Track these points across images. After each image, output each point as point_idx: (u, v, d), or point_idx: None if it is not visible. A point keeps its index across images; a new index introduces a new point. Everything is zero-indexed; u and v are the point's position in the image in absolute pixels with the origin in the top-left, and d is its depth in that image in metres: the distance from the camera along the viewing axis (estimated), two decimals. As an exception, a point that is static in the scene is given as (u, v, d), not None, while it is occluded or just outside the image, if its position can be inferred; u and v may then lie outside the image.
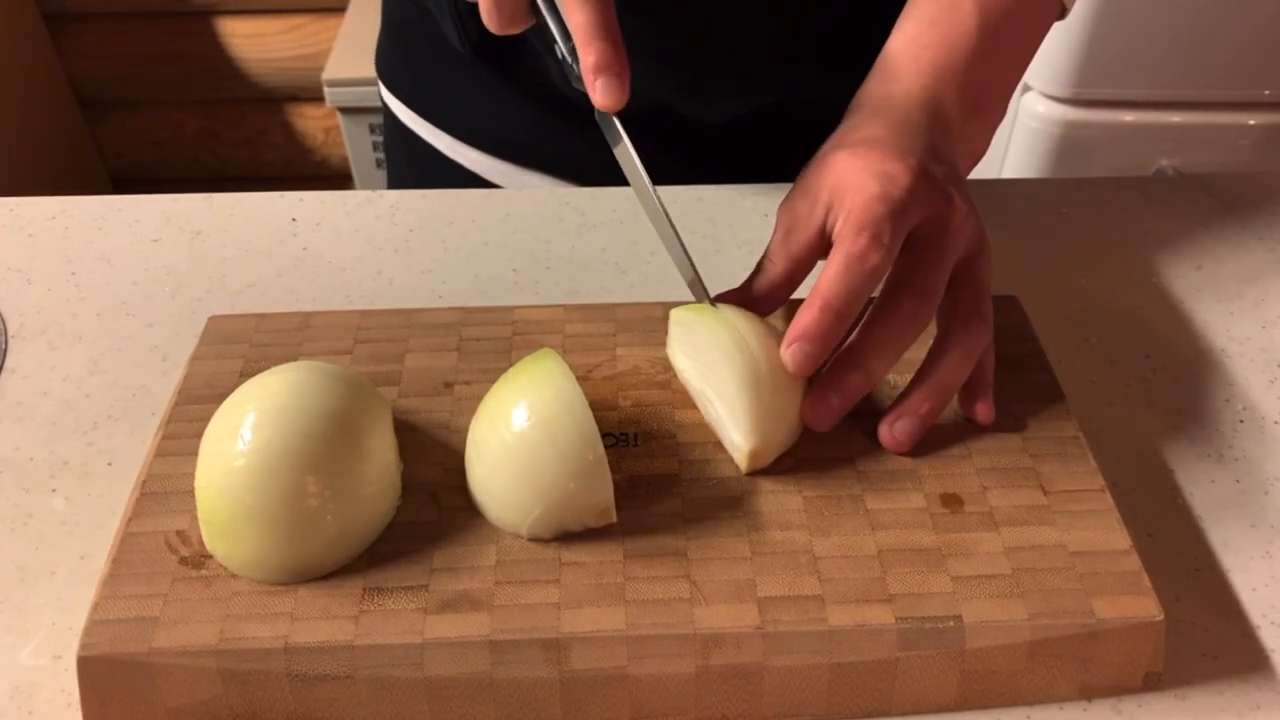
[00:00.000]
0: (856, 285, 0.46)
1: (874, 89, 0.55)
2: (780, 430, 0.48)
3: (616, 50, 0.47)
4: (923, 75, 0.53)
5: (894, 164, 0.48)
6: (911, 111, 0.52)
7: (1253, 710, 0.44)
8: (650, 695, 0.42)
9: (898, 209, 0.47)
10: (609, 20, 0.47)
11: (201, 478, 0.44)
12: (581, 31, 0.47)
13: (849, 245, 0.46)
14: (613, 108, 0.47)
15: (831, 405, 0.48)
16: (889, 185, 0.47)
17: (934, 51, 0.54)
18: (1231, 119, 1.23)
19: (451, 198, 0.71)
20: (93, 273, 0.65)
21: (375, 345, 0.54)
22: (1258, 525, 0.51)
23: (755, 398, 0.46)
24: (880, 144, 0.50)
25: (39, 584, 0.48)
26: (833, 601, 0.43)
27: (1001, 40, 0.55)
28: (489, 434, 0.45)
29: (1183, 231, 0.69)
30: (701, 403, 0.50)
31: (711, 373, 0.48)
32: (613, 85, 0.47)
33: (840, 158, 0.50)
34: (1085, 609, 0.42)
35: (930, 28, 0.55)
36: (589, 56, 0.47)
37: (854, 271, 0.46)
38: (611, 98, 0.47)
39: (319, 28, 1.89)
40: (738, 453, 0.47)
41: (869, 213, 0.47)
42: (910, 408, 0.48)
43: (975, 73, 0.54)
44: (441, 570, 0.44)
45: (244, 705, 0.42)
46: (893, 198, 0.47)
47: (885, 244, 0.46)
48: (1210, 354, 0.60)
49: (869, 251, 0.46)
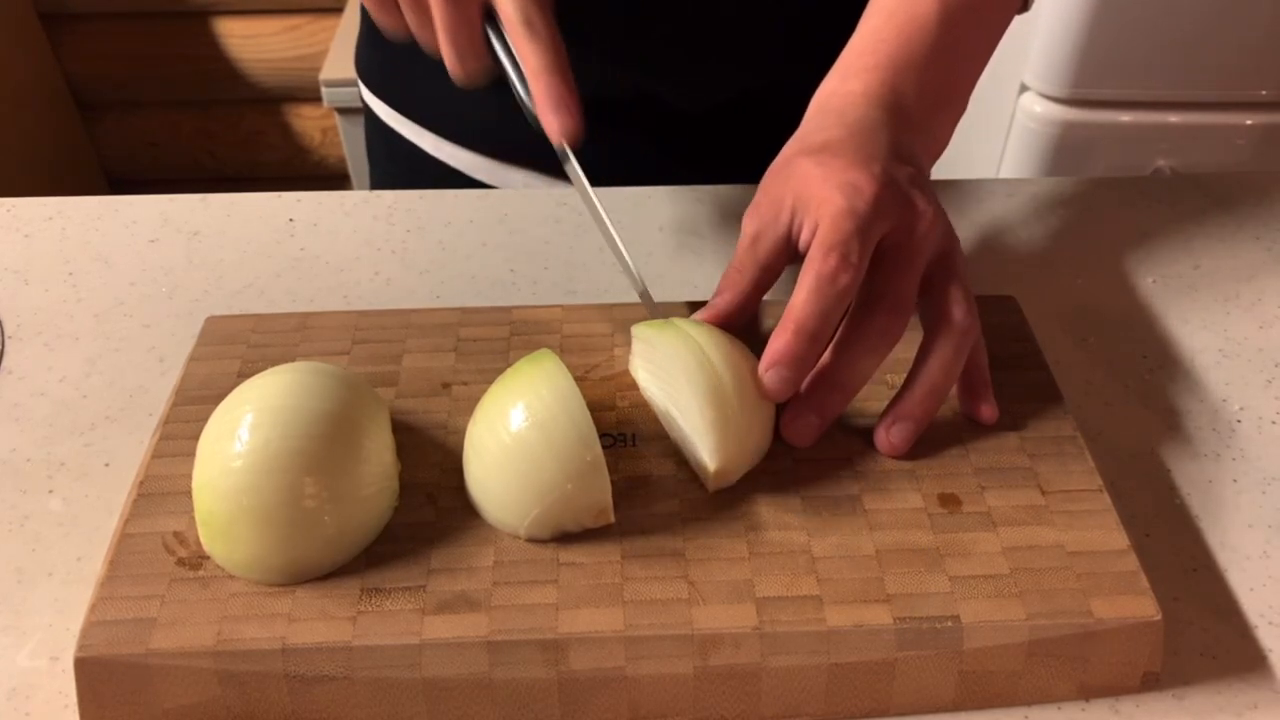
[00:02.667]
0: (828, 306, 0.47)
1: (834, 86, 0.55)
2: (746, 448, 0.47)
3: (567, 87, 0.51)
4: (881, 70, 0.53)
5: (858, 173, 0.48)
6: (871, 110, 0.52)
7: (1250, 710, 0.44)
8: (648, 696, 0.42)
9: (864, 224, 0.47)
10: (559, 60, 0.51)
11: (199, 478, 0.44)
12: (533, 72, 0.51)
13: (818, 266, 0.47)
14: (566, 138, 0.51)
15: (811, 423, 0.49)
16: (855, 198, 0.48)
17: (892, 45, 0.54)
18: (1229, 119, 1.23)
19: (449, 198, 0.71)
20: (90, 273, 0.65)
21: (373, 346, 0.54)
22: (1255, 525, 0.51)
23: (720, 416, 0.46)
24: (843, 150, 0.50)
25: (36, 585, 0.48)
26: (831, 602, 0.43)
27: (962, 32, 0.55)
28: (486, 435, 0.45)
29: (1180, 231, 0.69)
30: (665, 420, 0.50)
31: (675, 390, 0.48)
32: (563, 117, 0.51)
33: (803, 165, 0.50)
34: (1083, 609, 0.42)
35: (889, 21, 0.55)
36: (541, 93, 0.51)
37: (825, 294, 0.46)
38: (564, 128, 0.51)
39: (316, 28, 1.89)
40: (704, 472, 0.47)
41: (837, 231, 0.47)
42: (904, 411, 0.48)
43: (935, 66, 0.54)
44: (439, 571, 0.44)
45: (241, 706, 0.42)
46: (859, 212, 0.47)
47: (854, 263, 0.47)
48: (1207, 353, 0.60)
49: (838, 272, 0.46)
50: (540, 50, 0.51)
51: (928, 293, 0.50)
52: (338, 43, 1.75)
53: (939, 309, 0.49)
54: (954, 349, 0.49)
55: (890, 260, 0.49)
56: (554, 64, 0.51)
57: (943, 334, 0.49)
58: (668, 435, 0.49)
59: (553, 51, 0.51)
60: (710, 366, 0.47)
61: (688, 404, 0.47)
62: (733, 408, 0.46)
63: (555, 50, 0.52)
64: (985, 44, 0.58)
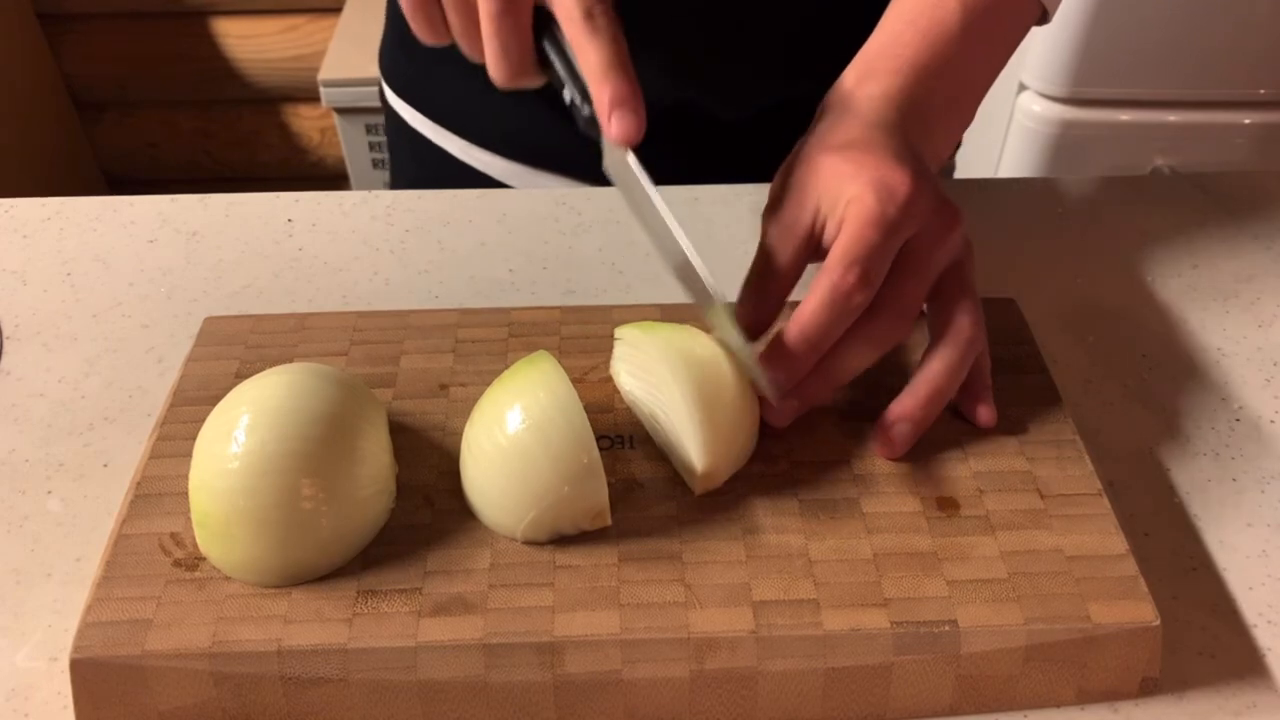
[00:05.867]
0: (838, 320, 0.46)
1: (850, 87, 0.54)
2: (732, 451, 0.47)
3: (631, 85, 0.47)
4: (901, 75, 0.53)
5: (890, 171, 0.47)
6: (889, 112, 0.52)
7: (1249, 709, 0.44)
8: (644, 699, 0.42)
9: (890, 231, 0.46)
10: (622, 56, 0.47)
11: (195, 480, 0.44)
12: (595, 69, 0.47)
13: (836, 279, 0.46)
14: (629, 141, 0.47)
15: (791, 406, 0.48)
16: (887, 201, 0.46)
17: (913, 50, 0.53)
18: (1227, 118, 1.23)
19: (448, 198, 0.71)
20: (88, 274, 0.65)
21: (371, 347, 0.54)
22: (1254, 524, 0.51)
23: (707, 419, 0.46)
24: (870, 147, 0.49)
25: (35, 586, 0.48)
26: (828, 606, 0.42)
27: (982, 41, 0.55)
28: (483, 437, 0.45)
29: (1178, 230, 0.69)
30: (649, 424, 0.49)
31: (661, 393, 0.48)
32: (628, 119, 0.47)
33: (830, 161, 0.49)
34: (1081, 614, 0.42)
35: (911, 26, 0.54)
36: (604, 93, 0.47)
37: (837, 308, 0.46)
38: (628, 131, 0.47)
39: (315, 28, 1.88)
40: (690, 475, 0.47)
41: (861, 243, 0.46)
42: (905, 413, 0.48)
43: (954, 73, 0.54)
44: (435, 573, 0.44)
45: (237, 708, 0.42)
46: (889, 219, 0.46)
47: (872, 281, 0.46)
48: (1206, 353, 0.60)
49: (855, 291, 0.46)
50: (601, 45, 0.47)
51: (937, 299, 0.50)
52: (336, 43, 1.75)
53: (947, 317, 0.49)
54: (959, 357, 0.48)
55: (908, 265, 0.48)
56: (617, 60, 0.47)
57: (949, 342, 0.49)
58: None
59: (615, 46, 0.47)
60: (697, 370, 0.47)
61: (674, 406, 0.47)
62: (718, 410, 0.46)
63: (618, 45, 0.47)
64: (1002, 54, 0.57)
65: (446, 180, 0.78)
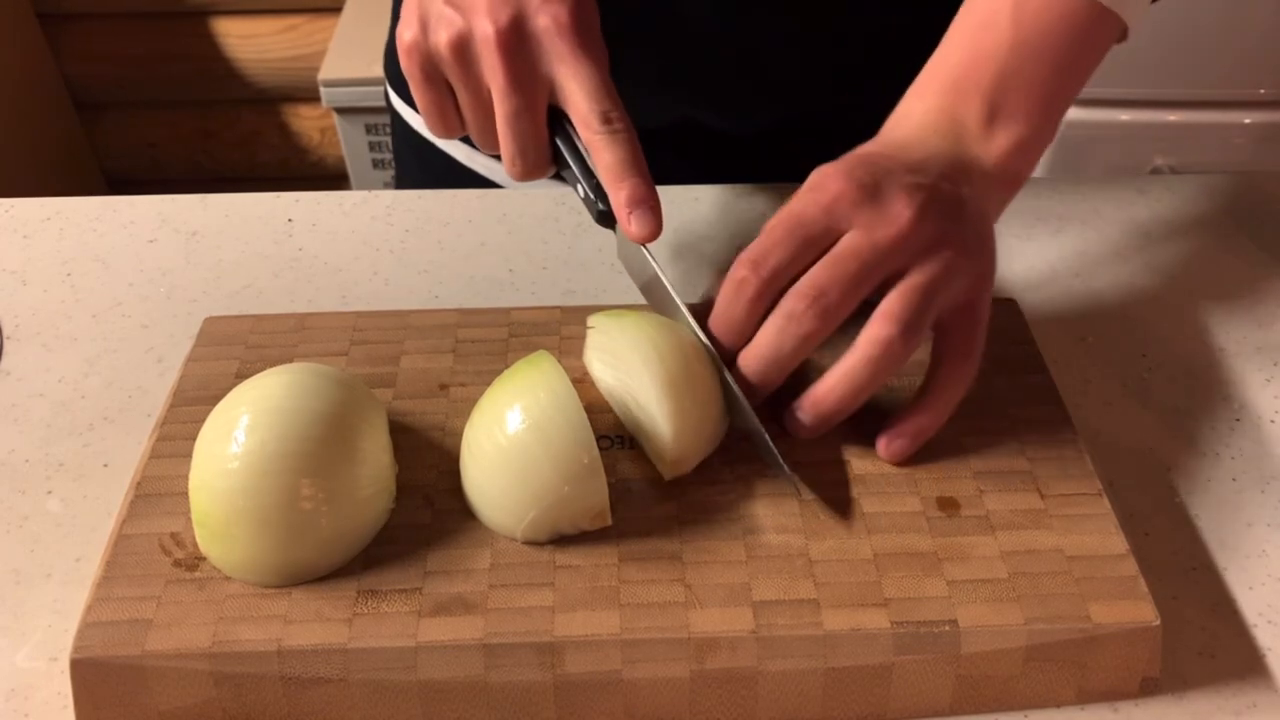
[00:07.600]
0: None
1: (900, 107, 0.53)
2: (700, 438, 0.47)
3: (648, 185, 0.49)
4: (943, 94, 0.52)
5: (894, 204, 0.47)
6: (928, 135, 0.51)
7: (1249, 709, 0.44)
8: (644, 699, 0.42)
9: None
10: (638, 157, 0.49)
11: (195, 480, 0.44)
12: (612, 170, 0.49)
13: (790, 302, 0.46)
14: (648, 239, 0.49)
15: (806, 425, 0.48)
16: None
17: (957, 69, 0.52)
18: (1227, 118, 1.23)
19: (448, 198, 0.71)
20: (88, 274, 0.65)
21: (371, 347, 0.54)
22: (1254, 524, 0.51)
23: (677, 407, 0.46)
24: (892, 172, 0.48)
25: (35, 586, 0.48)
26: (828, 606, 0.42)
27: (1040, 57, 0.51)
28: (483, 437, 0.45)
29: (1178, 230, 0.69)
30: (620, 410, 0.50)
31: (632, 380, 0.48)
32: (647, 218, 0.49)
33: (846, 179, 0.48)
34: (1082, 614, 0.42)
35: (958, 47, 0.53)
36: (621, 193, 0.49)
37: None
38: (646, 230, 0.49)
39: (314, 28, 1.88)
40: (660, 461, 0.47)
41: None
42: (907, 430, 0.48)
43: (1001, 89, 0.51)
44: (435, 573, 0.44)
45: (237, 708, 0.42)
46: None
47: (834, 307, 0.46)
48: (1206, 352, 0.60)
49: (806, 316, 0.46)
50: (618, 147, 0.48)
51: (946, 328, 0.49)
52: (336, 43, 1.75)
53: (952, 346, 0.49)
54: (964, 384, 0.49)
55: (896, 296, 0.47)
56: (633, 160, 0.49)
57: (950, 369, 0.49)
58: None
59: (630, 148, 0.49)
60: (667, 358, 0.47)
61: (645, 392, 0.47)
62: (688, 398, 0.47)
63: (633, 147, 0.49)
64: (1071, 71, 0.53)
65: (451, 184, 0.78)
